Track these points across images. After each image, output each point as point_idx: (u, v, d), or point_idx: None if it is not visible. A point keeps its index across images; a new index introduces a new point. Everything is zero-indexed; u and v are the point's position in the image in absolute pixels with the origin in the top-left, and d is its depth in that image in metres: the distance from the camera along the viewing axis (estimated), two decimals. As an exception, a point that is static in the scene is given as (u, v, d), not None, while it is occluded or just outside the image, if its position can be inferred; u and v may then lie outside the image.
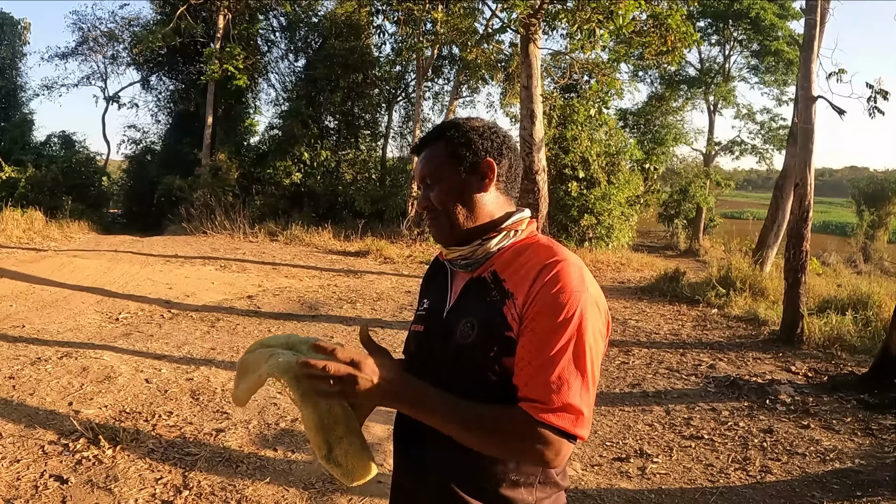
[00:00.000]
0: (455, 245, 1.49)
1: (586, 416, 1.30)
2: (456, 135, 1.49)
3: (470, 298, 1.45)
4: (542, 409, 1.28)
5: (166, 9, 20.70)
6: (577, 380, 1.29)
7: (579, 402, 1.29)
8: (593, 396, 1.34)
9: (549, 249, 1.41)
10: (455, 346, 1.41)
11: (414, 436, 1.46)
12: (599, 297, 1.37)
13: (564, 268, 1.33)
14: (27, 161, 19.60)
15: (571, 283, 1.32)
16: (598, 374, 1.36)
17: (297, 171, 19.54)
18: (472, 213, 1.47)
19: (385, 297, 9.89)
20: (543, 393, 1.29)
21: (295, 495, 3.71)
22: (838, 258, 22.85)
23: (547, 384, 1.29)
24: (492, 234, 1.46)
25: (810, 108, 8.04)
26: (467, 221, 1.47)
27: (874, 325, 7.99)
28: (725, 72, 25.61)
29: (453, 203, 1.47)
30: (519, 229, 1.48)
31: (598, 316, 1.34)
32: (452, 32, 14.26)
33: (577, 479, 4.13)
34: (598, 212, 17.19)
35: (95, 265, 10.97)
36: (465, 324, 1.41)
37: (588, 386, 1.31)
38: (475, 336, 1.38)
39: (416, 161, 1.57)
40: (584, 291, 1.32)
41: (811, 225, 8.06)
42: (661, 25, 10.53)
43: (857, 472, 4.30)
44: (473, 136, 1.48)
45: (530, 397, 1.30)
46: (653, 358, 7.13)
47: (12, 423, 4.43)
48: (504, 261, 1.44)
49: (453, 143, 1.48)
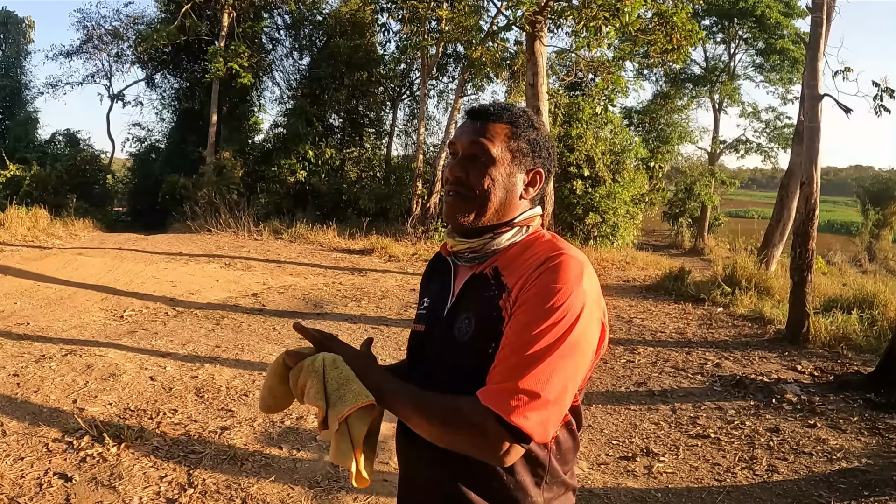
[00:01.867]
0: (464, 231, 1.46)
1: (539, 410, 1.20)
2: (527, 132, 1.45)
3: (470, 295, 1.42)
4: (492, 390, 1.23)
5: (171, 7, 20.75)
6: (545, 371, 1.21)
7: (536, 392, 1.20)
8: (564, 399, 1.25)
9: (552, 245, 1.38)
10: (454, 343, 1.39)
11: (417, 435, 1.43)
12: (596, 299, 1.32)
13: (566, 261, 1.30)
14: (32, 159, 19.67)
15: (568, 275, 1.28)
16: (576, 378, 1.28)
17: (302, 170, 19.55)
18: (502, 210, 1.44)
19: (390, 294, 9.88)
20: (503, 375, 1.24)
21: (300, 494, 3.70)
22: (843, 257, 22.81)
23: (509, 368, 1.23)
24: (504, 228, 1.44)
25: (816, 106, 8.00)
26: (494, 216, 1.43)
27: (880, 324, 7.96)
28: (731, 70, 25.57)
29: (493, 194, 1.42)
30: (530, 226, 1.46)
31: (589, 317, 1.28)
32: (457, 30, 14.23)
33: (584, 477, 4.11)
34: (602, 210, 17.18)
35: (100, 263, 10.98)
36: (463, 320, 1.39)
37: (556, 381, 1.22)
38: (472, 332, 1.36)
39: (462, 123, 1.50)
40: (579, 287, 1.27)
41: (817, 224, 8.03)
42: (666, 23, 10.50)
43: (863, 472, 4.27)
44: (541, 142, 1.47)
45: (490, 378, 1.25)
46: (658, 356, 7.10)
47: (16, 421, 4.43)
48: (508, 257, 1.41)
49: (520, 137, 1.44)
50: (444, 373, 1.39)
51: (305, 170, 19.66)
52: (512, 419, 1.19)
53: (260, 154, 21.23)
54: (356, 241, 15.52)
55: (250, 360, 6.24)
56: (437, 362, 1.43)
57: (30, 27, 24.14)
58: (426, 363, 1.47)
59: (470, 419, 1.23)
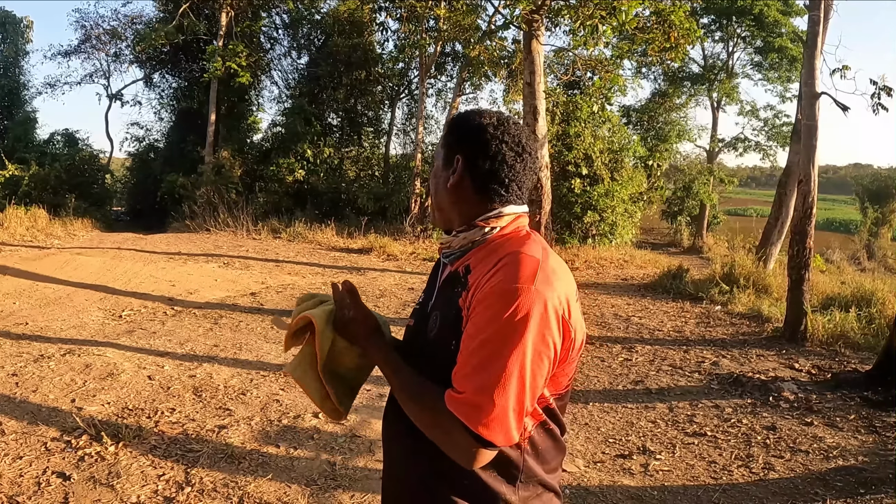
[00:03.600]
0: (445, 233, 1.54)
1: (496, 417, 1.24)
2: (451, 125, 1.53)
3: (443, 292, 1.47)
4: (454, 398, 1.28)
5: (169, 6, 20.75)
6: (494, 376, 1.24)
7: (490, 400, 1.23)
8: (523, 400, 1.27)
9: (518, 242, 1.39)
10: (425, 339, 1.45)
11: (399, 428, 1.48)
12: (554, 298, 1.29)
13: (519, 259, 1.31)
14: (30, 159, 19.63)
15: (520, 275, 1.28)
16: (534, 379, 1.28)
17: (301, 169, 19.54)
18: (443, 205, 1.52)
19: (388, 293, 9.89)
20: (460, 381, 1.28)
21: (297, 492, 3.71)
22: (842, 255, 22.81)
23: (466, 375, 1.27)
24: (464, 228, 1.47)
25: (814, 104, 8.01)
26: (448, 214, 1.51)
27: (878, 322, 7.97)
28: (729, 68, 25.53)
29: (433, 190, 1.54)
30: (497, 226, 1.45)
31: (544, 316, 1.27)
32: (455, 29, 14.20)
33: (580, 475, 4.12)
34: (601, 209, 17.16)
35: (99, 263, 10.98)
36: (433, 317, 1.44)
37: (509, 386, 1.24)
38: (437, 330, 1.41)
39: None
40: (530, 286, 1.26)
41: (815, 222, 8.03)
42: (664, 22, 10.49)
43: (860, 470, 4.28)
44: (456, 131, 1.50)
45: (453, 382, 1.30)
46: (656, 355, 7.12)
47: (15, 420, 4.44)
48: (481, 255, 1.43)
49: (445, 132, 1.54)
50: (421, 365, 1.44)
51: (304, 169, 19.65)
52: (475, 428, 1.25)
53: (258, 153, 21.23)
54: (354, 240, 15.52)
55: (248, 359, 6.25)
56: (419, 356, 1.47)
57: (28, 27, 24.10)
58: (413, 356, 1.51)
59: (443, 423, 1.29)
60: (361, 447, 4.34)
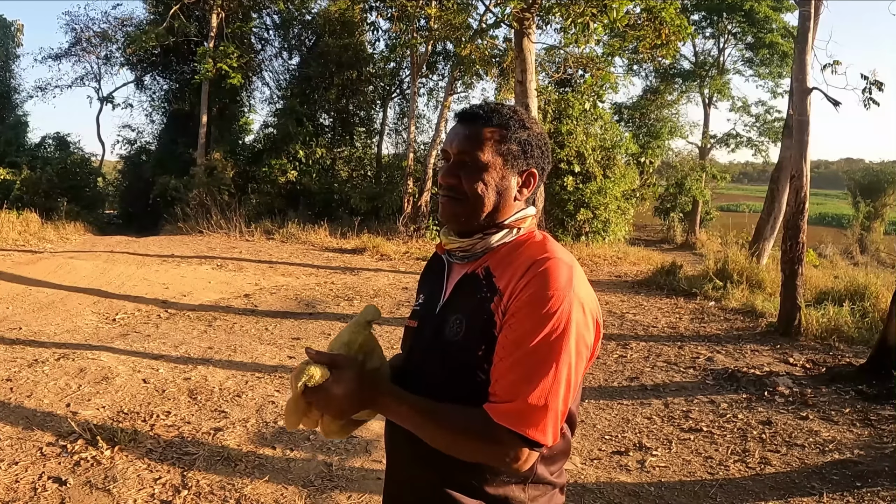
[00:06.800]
0: (459, 233, 1.47)
1: (550, 420, 1.26)
2: (517, 133, 1.44)
3: (462, 295, 1.43)
4: (503, 409, 1.27)
5: (159, 8, 20.66)
6: (548, 381, 1.26)
7: (545, 405, 1.25)
8: (567, 402, 1.30)
9: (541, 246, 1.39)
10: (444, 342, 1.40)
11: (404, 432, 1.43)
12: (588, 299, 1.33)
13: (554, 266, 1.31)
14: (22, 163, 19.55)
15: (558, 281, 1.29)
16: (576, 380, 1.32)
17: (293, 169, 19.51)
18: (496, 213, 1.44)
19: (382, 293, 9.88)
20: (509, 391, 1.27)
21: (294, 493, 3.71)
22: (835, 250, 22.87)
23: (514, 383, 1.27)
24: (494, 229, 1.44)
25: (805, 99, 8.04)
26: (488, 218, 1.43)
27: (871, 315, 8.01)
28: (720, 65, 25.63)
29: (487, 198, 1.42)
30: (522, 227, 1.46)
31: (583, 319, 1.30)
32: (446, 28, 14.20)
33: (577, 472, 4.13)
34: (594, 206, 17.20)
35: (92, 266, 10.94)
36: (454, 320, 1.40)
37: (559, 389, 1.27)
38: (463, 333, 1.37)
39: (453, 127, 1.49)
40: (570, 291, 1.28)
41: (807, 217, 8.06)
42: (655, 19, 10.52)
43: (856, 463, 4.30)
44: (532, 142, 1.45)
45: (496, 394, 1.29)
46: (651, 351, 7.13)
47: (10, 426, 4.42)
48: (499, 257, 1.41)
49: (510, 140, 1.43)
50: (435, 368, 1.41)
51: (296, 170, 19.62)
52: (529, 434, 1.25)
53: (251, 154, 21.19)
54: (348, 241, 15.51)
55: (243, 360, 6.23)
56: (427, 358, 1.45)
57: (18, 30, 23.99)
58: (417, 359, 1.49)
59: (485, 435, 1.28)
60: (358, 447, 4.33)
